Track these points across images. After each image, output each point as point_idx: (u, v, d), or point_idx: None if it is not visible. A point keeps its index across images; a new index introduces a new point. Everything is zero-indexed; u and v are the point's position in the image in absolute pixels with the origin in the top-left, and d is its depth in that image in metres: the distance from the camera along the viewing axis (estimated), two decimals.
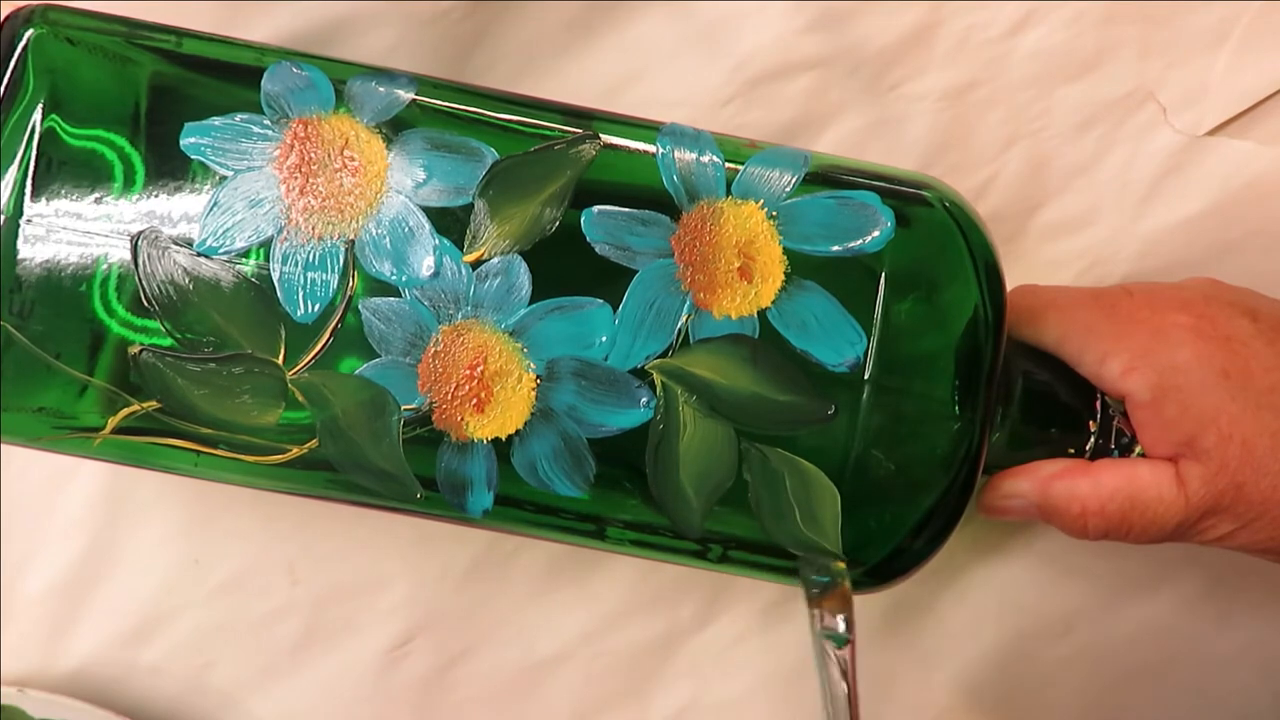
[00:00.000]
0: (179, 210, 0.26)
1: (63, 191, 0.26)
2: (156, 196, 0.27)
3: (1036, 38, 0.35)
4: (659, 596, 0.35)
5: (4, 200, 0.26)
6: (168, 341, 0.26)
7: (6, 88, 0.27)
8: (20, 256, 0.26)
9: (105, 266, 0.26)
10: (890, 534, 0.28)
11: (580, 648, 0.35)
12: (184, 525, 0.34)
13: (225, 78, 0.28)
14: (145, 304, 0.26)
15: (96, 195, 0.26)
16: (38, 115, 0.27)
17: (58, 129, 0.27)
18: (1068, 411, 0.30)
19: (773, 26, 0.34)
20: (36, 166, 0.26)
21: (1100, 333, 0.28)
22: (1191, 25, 0.35)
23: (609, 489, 0.27)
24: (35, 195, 0.26)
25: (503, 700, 0.35)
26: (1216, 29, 0.35)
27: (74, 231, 0.26)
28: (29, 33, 0.27)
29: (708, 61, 0.35)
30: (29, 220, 0.26)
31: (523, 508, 0.28)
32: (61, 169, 0.26)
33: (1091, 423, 0.29)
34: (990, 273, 0.28)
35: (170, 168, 0.27)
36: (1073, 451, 0.30)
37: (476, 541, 0.35)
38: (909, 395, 0.27)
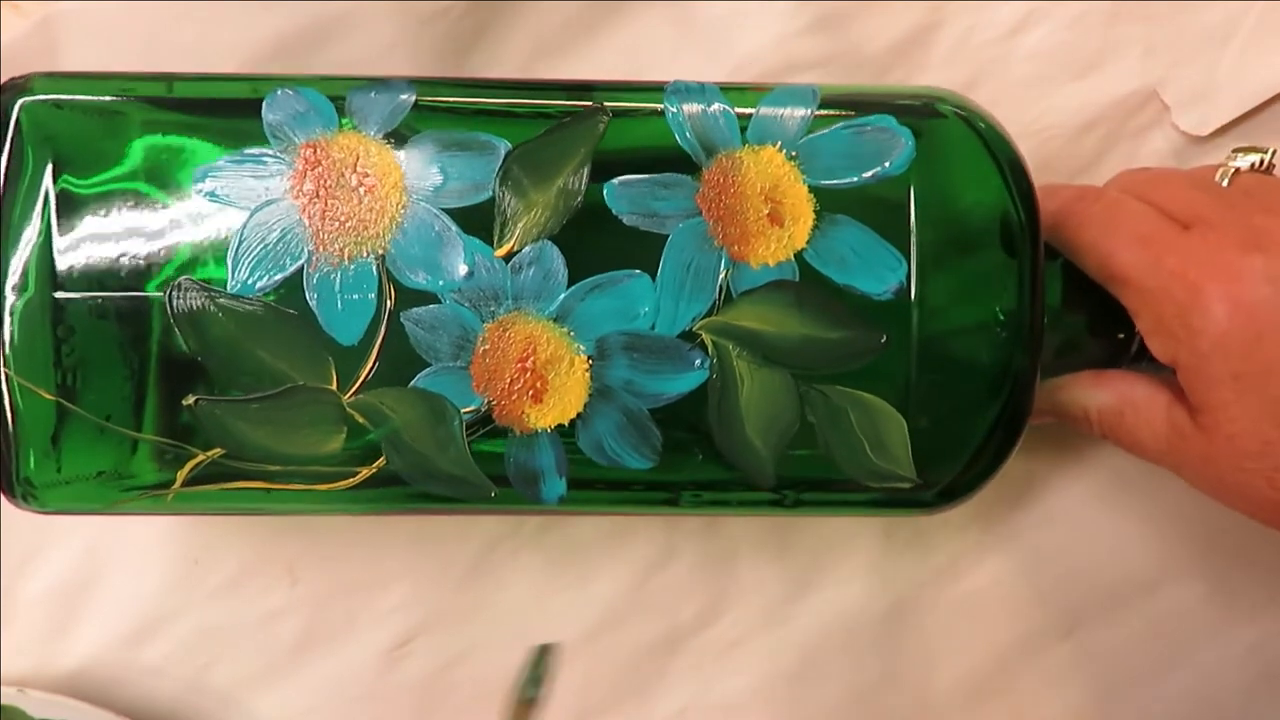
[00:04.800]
0: (207, 252, 0.26)
1: (88, 254, 0.26)
2: (180, 242, 0.26)
3: (1038, 37, 0.34)
4: (659, 597, 0.35)
5: (32, 272, 0.26)
6: (219, 387, 0.26)
7: (8, 165, 0.26)
8: (57, 328, 0.26)
9: (144, 322, 0.26)
10: (959, 451, 0.28)
11: (580, 648, 0.35)
12: (184, 525, 0.34)
13: (222, 115, 0.27)
14: (190, 352, 0.26)
15: (122, 250, 0.26)
16: (47, 186, 0.26)
17: (70, 193, 0.26)
18: (1112, 302, 0.29)
19: (773, 27, 0.34)
20: (58, 236, 0.26)
21: (1132, 286, 0.27)
22: (1196, 24, 0.34)
23: (677, 455, 0.27)
24: (62, 263, 0.26)
25: (503, 700, 0.35)
26: (1221, 28, 0.34)
27: (107, 292, 0.26)
28: (18, 106, 0.27)
29: (708, 62, 0.34)
30: (59, 290, 0.26)
31: (595, 487, 0.28)
32: (83, 231, 0.26)
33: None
34: (1015, 171, 0.28)
35: (188, 212, 0.26)
36: (1122, 337, 0.30)
37: (476, 541, 0.35)
38: (956, 311, 0.27)
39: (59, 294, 0.26)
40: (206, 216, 0.27)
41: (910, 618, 0.35)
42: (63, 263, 0.26)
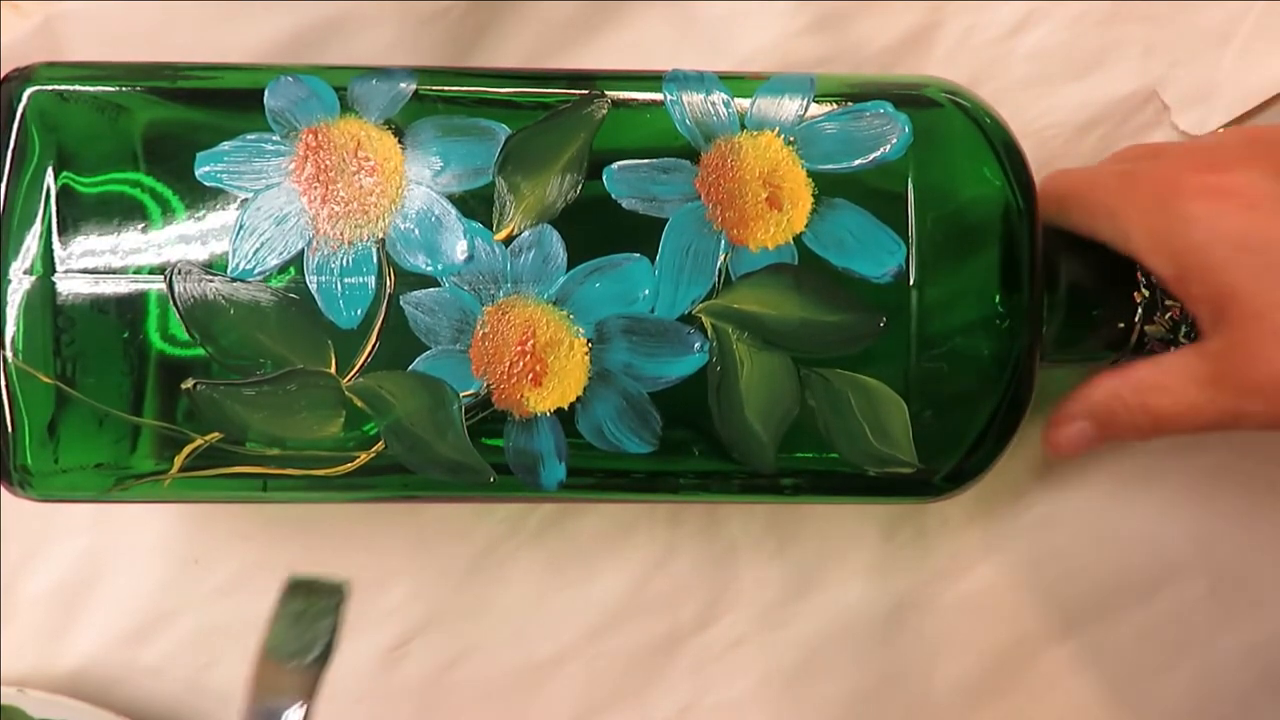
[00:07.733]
0: (207, 238, 0.26)
1: (89, 241, 0.26)
2: (181, 229, 0.27)
3: (1038, 37, 0.35)
4: (659, 597, 0.35)
5: (32, 262, 0.26)
6: (219, 371, 0.26)
7: (13, 153, 0.27)
8: (57, 315, 0.26)
9: (143, 308, 0.26)
10: (960, 436, 0.28)
11: (580, 648, 0.35)
12: (184, 525, 0.34)
13: (225, 104, 0.28)
14: (189, 336, 0.26)
15: (123, 237, 0.26)
16: (49, 177, 0.27)
17: (72, 184, 0.27)
18: (1112, 290, 0.30)
19: (773, 27, 0.34)
20: (59, 222, 0.26)
21: (1120, 214, 0.28)
22: (1196, 24, 0.34)
23: (677, 440, 0.27)
24: (63, 250, 0.26)
25: (503, 700, 0.35)
26: (1221, 28, 0.34)
27: (107, 278, 0.26)
28: (26, 95, 0.27)
29: (708, 62, 0.34)
30: (60, 277, 0.26)
31: (595, 473, 0.28)
32: (85, 218, 0.26)
33: (1137, 294, 0.29)
34: (1011, 154, 0.28)
35: (189, 200, 0.27)
36: (1123, 326, 0.30)
37: (477, 541, 0.34)
38: (955, 294, 0.27)
39: (60, 281, 0.26)
40: (208, 202, 0.27)
41: (910, 618, 0.35)
42: (64, 251, 0.26)
